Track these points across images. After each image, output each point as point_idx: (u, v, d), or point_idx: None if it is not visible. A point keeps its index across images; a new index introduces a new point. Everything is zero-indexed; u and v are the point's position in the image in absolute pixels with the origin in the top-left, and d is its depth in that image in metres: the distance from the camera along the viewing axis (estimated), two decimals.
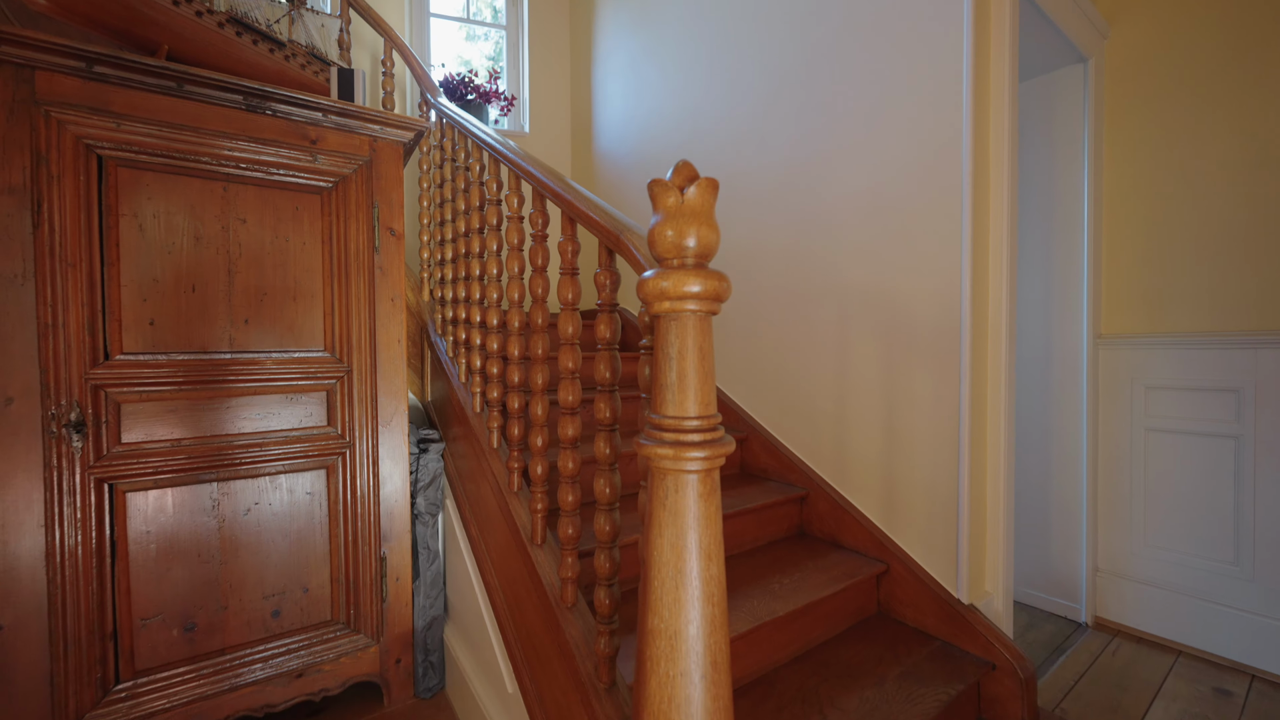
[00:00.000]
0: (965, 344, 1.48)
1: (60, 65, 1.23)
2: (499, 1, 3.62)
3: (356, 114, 1.57)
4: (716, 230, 0.63)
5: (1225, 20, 1.91)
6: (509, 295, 1.36)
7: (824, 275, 1.82)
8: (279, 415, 1.50)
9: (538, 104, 3.44)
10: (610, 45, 3.03)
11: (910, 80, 1.58)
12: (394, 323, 1.65)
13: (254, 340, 1.47)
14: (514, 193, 1.34)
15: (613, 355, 0.99)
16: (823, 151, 1.82)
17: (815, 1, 1.84)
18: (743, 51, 2.12)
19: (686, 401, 0.62)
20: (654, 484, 0.62)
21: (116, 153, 1.30)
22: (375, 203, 1.62)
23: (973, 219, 1.48)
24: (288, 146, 1.49)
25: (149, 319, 1.34)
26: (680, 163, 0.64)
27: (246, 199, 1.45)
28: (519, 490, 1.41)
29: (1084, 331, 2.12)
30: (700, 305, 0.62)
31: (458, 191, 1.81)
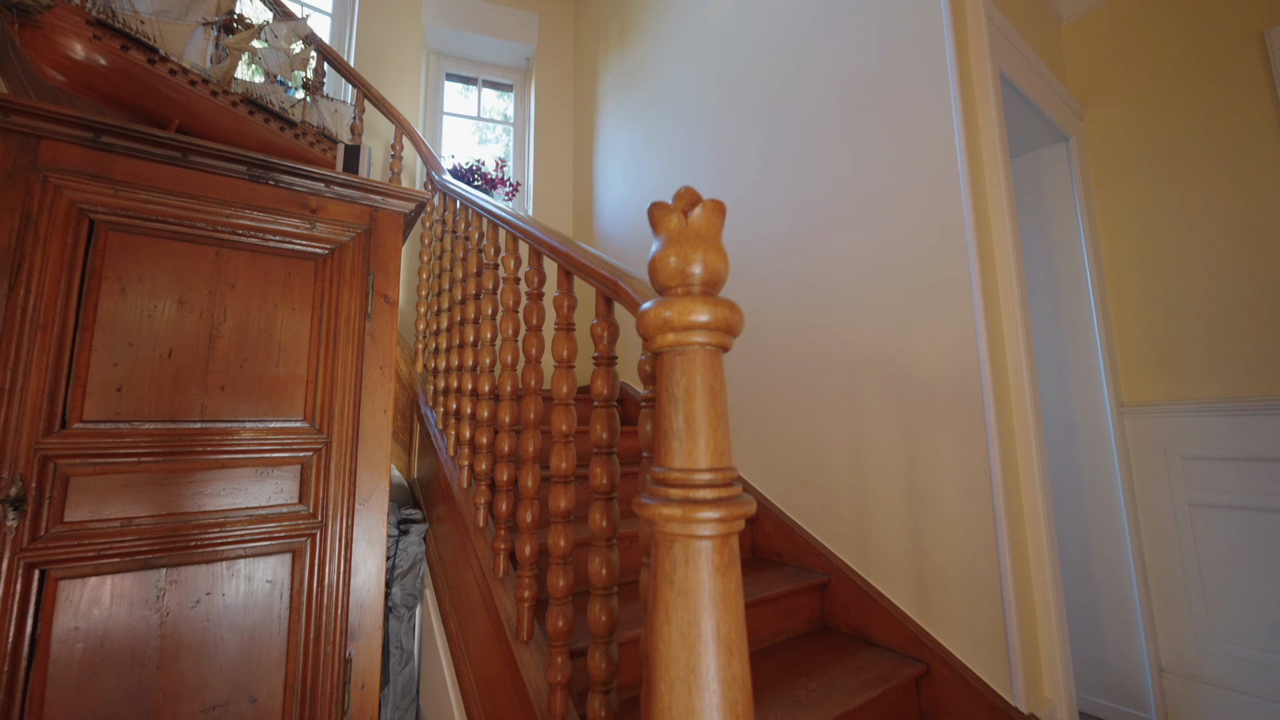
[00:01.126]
0: (989, 408, 1.39)
1: (67, 135, 1.25)
2: (509, 107, 3.90)
3: (359, 185, 1.59)
4: (725, 257, 0.57)
5: (1191, 105, 2.00)
6: (502, 358, 1.28)
7: (831, 341, 1.76)
8: (246, 491, 1.37)
9: (541, 189, 3.59)
10: (611, 135, 3.21)
11: (903, 150, 1.62)
12: (381, 391, 1.57)
13: (229, 409, 1.37)
14: (510, 254, 1.31)
15: (610, 414, 0.89)
16: (821, 219, 1.83)
17: (805, 80, 1.93)
18: (738, 129, 2.22)
19: (696, 450, 0.52)
20: (659, 555, 0.51)
21: (110, 217, 1.29)
22: (371, 270, 1.60)
23: (981, 280, 1.44)
24: (287, 215, 1.49)
25: (117, 385, 1.26)
26: (683, 188, 0.59)
27: (238, 264, 1.43)
28: (505, 575, 1.25)
29: (1105, 400, 2.02)
30: (709, 337, 0.54)
31: (455, 259, 1.80)
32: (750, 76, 2.20)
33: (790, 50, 2.01)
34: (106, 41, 1.28)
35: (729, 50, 2.33)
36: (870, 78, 1.71)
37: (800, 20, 1.98)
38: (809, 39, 1.95)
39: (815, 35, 1.92)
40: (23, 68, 1.32)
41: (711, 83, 2.41)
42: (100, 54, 1.29)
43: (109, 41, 1.29)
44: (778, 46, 2.07)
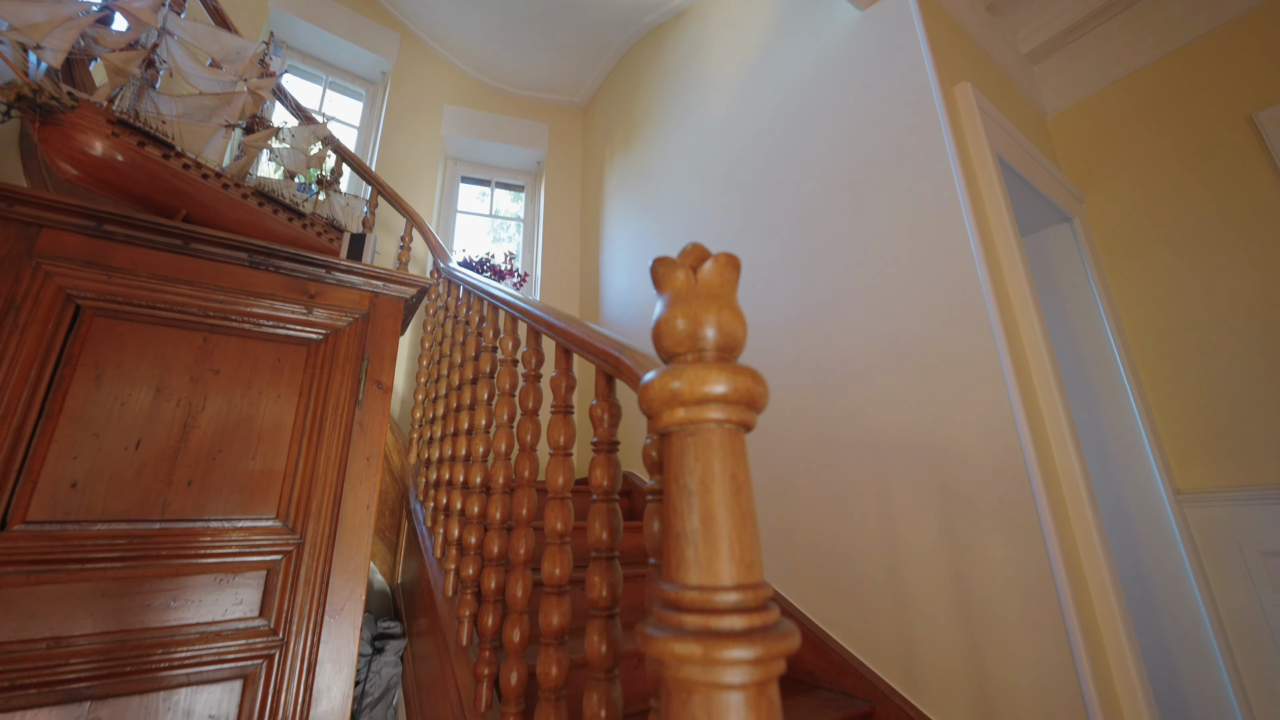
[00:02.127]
0: (1040, 499, 1.23)
1: (69, 224, 1.24)
2: (521, 208, 4.10)
3: (361, 271, 1.57)
4: (742, 318, 0.48)
5: (1192, 184, 2.02)
6: (495, 446, 1.17)
7: (853, 426, 1.63)
8: (201, 603, 1.21)
9: (549, 279, 3.65)
10: (616, 229, 3.31)
11: (912, 230, 1.60)
12: (366, 485, 1.44)
13: (193, 506, 1.24)
14: (509, 335, 1.25)
15: (611, 509, 0.76)
16: (832, 299, 1.78)
17: (806, 165, 1.97)
18: (739, 215, 2.25)
19: (717, 560, 0.40)
20: (673, 710, 0.37)
21: (98, 303, 1.25)
22: (366, 355, 1.54)
23: (1011, 358, 1.34)
24: (285, 300, 1.46)
25: (72, 480, 1.15)
26: (690, 244, 0.52)
27: (226, 350, 1.37)
28: (488, 709, 1.04)
29: (1159, 487, 1.84)
30: (728, 412, 0.43)
31: (455, 344, 1.74)
32: (749, 164, 2.27)
33: (789, 137, 2.09)
34: (124, 138, 1.32)
35: (728, 141, 2.43)
36: (872, 161, 1.74)
37: (798, 110, 2.07)
38: (808, 127, 2.02)
39: (814, 124, 2.00)
40: (42, 162, 1.35)
41: (711, 173, 2.50)
42: (117, 150, 1.32)
43: (126, 138, 1.32)
44: (778, 133, 2.15)
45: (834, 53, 1.98)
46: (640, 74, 3.38)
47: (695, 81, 2.79)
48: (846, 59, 1.93)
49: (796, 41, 2.17)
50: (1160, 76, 2.15)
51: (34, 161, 1.50)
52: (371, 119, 3.57)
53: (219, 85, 1.61)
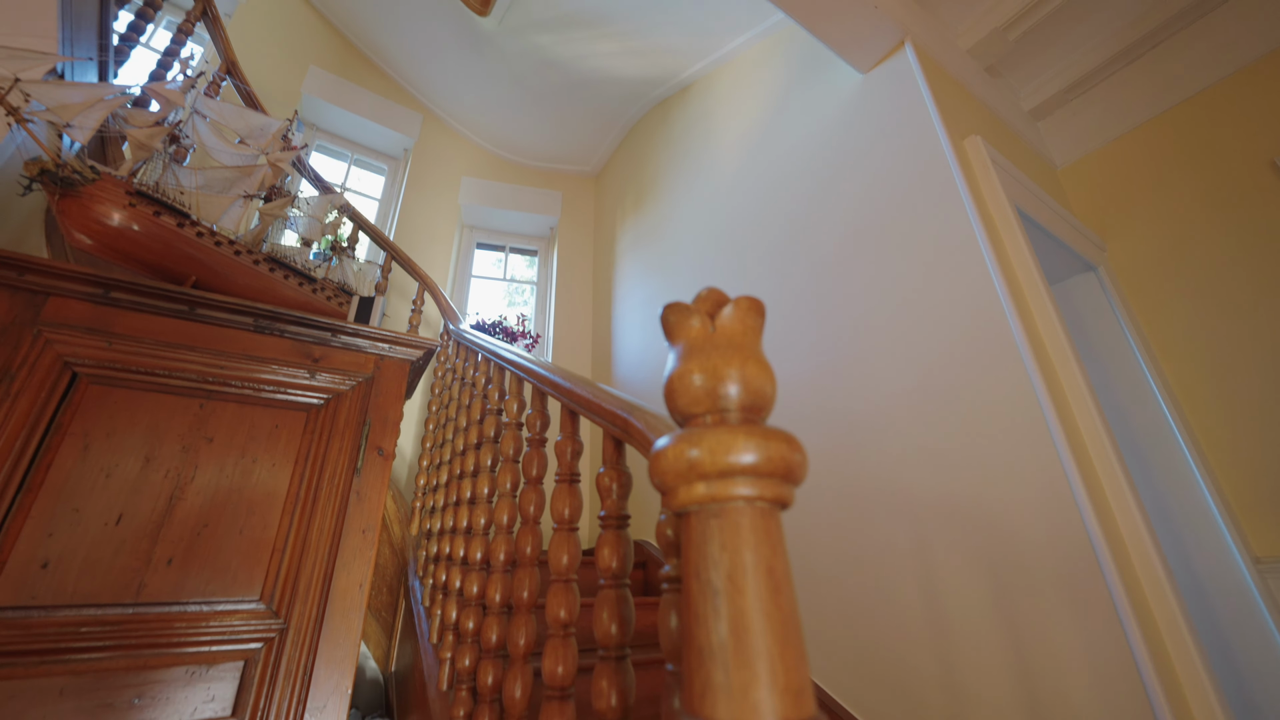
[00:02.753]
0: (1109, 570, 1.09)
1: (77, 291, 1.24)
2: (534, 272, 4.17)
3: (367, 334, 1.54)
4: (770, 371, 0.40)
5: (1219, 230, 1.96)
6: (496, 518, 1.08)
7: (886, 488, 1.51)
8: (169, 700, 1.08)
9: (561, 340, 3.64)
10: (628, 289, 3.32)
11: (935, 281, 1.54)
12: (360, 562, 1.33)
13: (171, 588, 1.15)
14: (514, 397, 1.18)
15: (621, 597, 0.66)
16: (854, 352, 1.70)
17: (819, 219, 1.95)
18: (753, 269, 2.22)
19: (754, 688, 0.30)
20: None
21: (95, 370, 1.22)
22: (368, 419, 1.48)
23: (1055, 411, 1.24)
24: (287, 365, 1.42)
25: (44, 560, 1.07)
26: (706, 289, 0.45)
27: (222, 416, 1.32)
28: None
29: (1235, 555, 1.65)
30: (759, 488, 0.35)
31: (461, 407, 1.68)
32: (760, 222, 2.26)
33: (800, 195, 2.09)
34: (140, 208, 1.34)
35: (737, 201, 2.45)
36: (886, 214, 1.71)
37: (807, 169, 2.09)
38: (819, 184, 2.02)
39: (825, 180, 2.00)
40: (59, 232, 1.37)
41: (721, 232, 2.51)
42: (132, 220, 1.34)
43: (143, 208, 1.34)
44: (788, 191, 2.15)
45: (839, 113, 2.02)
46: (649, 142, 3.51)
47: (702, 147, 2.87)
48: (852, 118, 1.96)
49: (801, 105, 2.22)
50: (1173, 125, 2.14)
51: (57, 234, 1.54)
52: (392, 191, 3.72)
53: (240, 159, 1.66)
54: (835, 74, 2.08)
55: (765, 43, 2.55)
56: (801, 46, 2.29)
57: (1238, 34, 2.01)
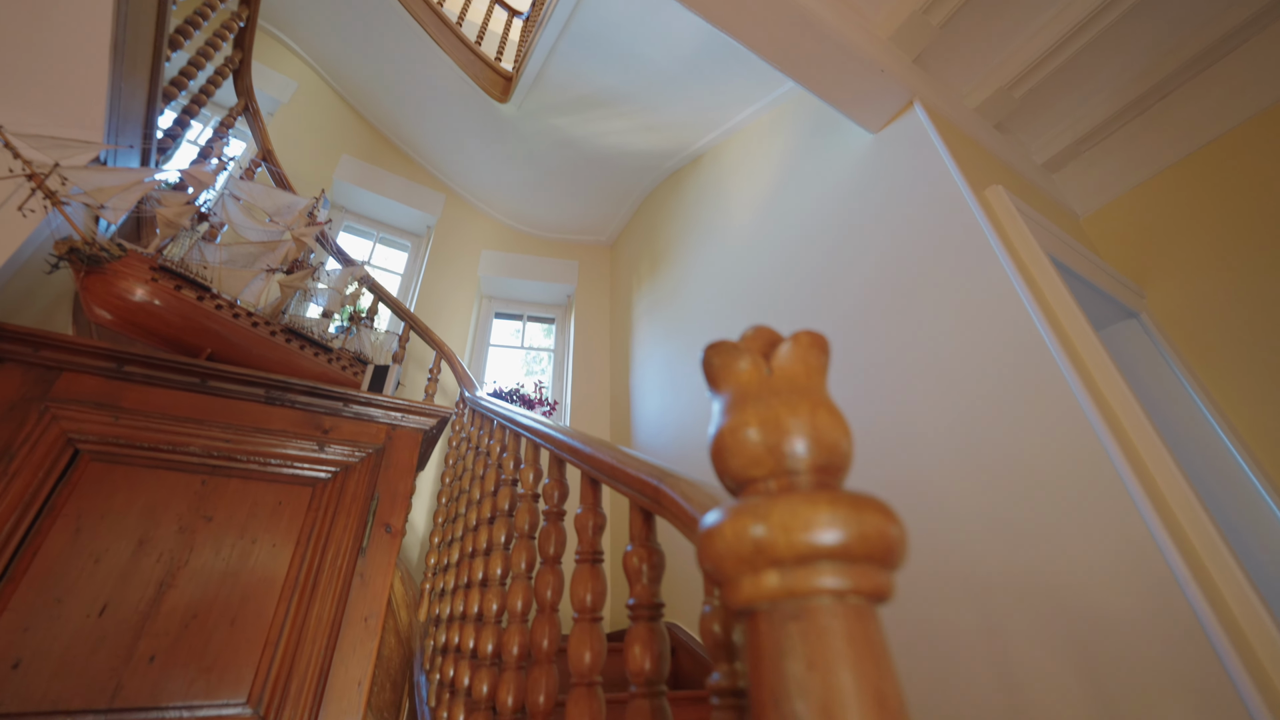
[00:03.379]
0: (1229, 659, 0.91)
1: (90, 366, 1.22)
2: (552, 341, 4.19)
3: (380, 403, 1.49)
4: (843, 421, 0.32)
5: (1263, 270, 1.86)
6: (510, 604, 0.96)
7: (946, 565, 1.35)
8: None
9: (579, 406, 3.57)
10: (646, 353, 3.28)
11: (975, 333, 1.45)
12: (360, 655, 1.20)
13: (150, 690, 1.03)
14: (530, 465, 1.09)
15: (656, 709, 0.54)
16: (893, 411, 1.59)
17: (841, 278, 1.91)
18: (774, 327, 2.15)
19: None
20: None
21: (98, 446, 1.17)
22: (376, 494, 1.39)
23: (1131, 470, 1.10)
24: (296, 437, 1.37)
25: (15, 660, 0.97)
26: (754, 327, 0.38)
27: (224, 493, 1.25)
28: None
29: None
30: (853, 578, 0.26)
31: (475, 478, 1.59)
32: (778, 283, 2.23)
33: (819, 253, 2.06)
34: (162, 283, 1.35)
35: (754, 263, 2.43)
36: (915, 267, 1.66)
37: (824, 228, 2.07)
38: (838, 242, 1.99)
39: (844, 238, 1.97)
40: (81, 309, 1.38)
41: (739, 294, 2.48)
42: (154, 294, 1.34)
43: (165, 282, 1.35)
44: (805, 250, 2.13)
45: (853, 172, 2.03)
46: (662, 211, 3.59)
47: (715, 212, 2.91)
48: (867, 176, 1.96)
49: (813, 167, 2.25)
50: (1200, 168, 2.11)
51: (83, 314, 1.56)
52: (415, 266, 3.83)
53: (266, 235, 1.69)
54: (845, 135, 2.11)
55: (773, 112, 2.64)
56: (810, 112, 2.35)
57: (1256, 76, 2.01)
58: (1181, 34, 2.10)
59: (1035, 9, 2.00)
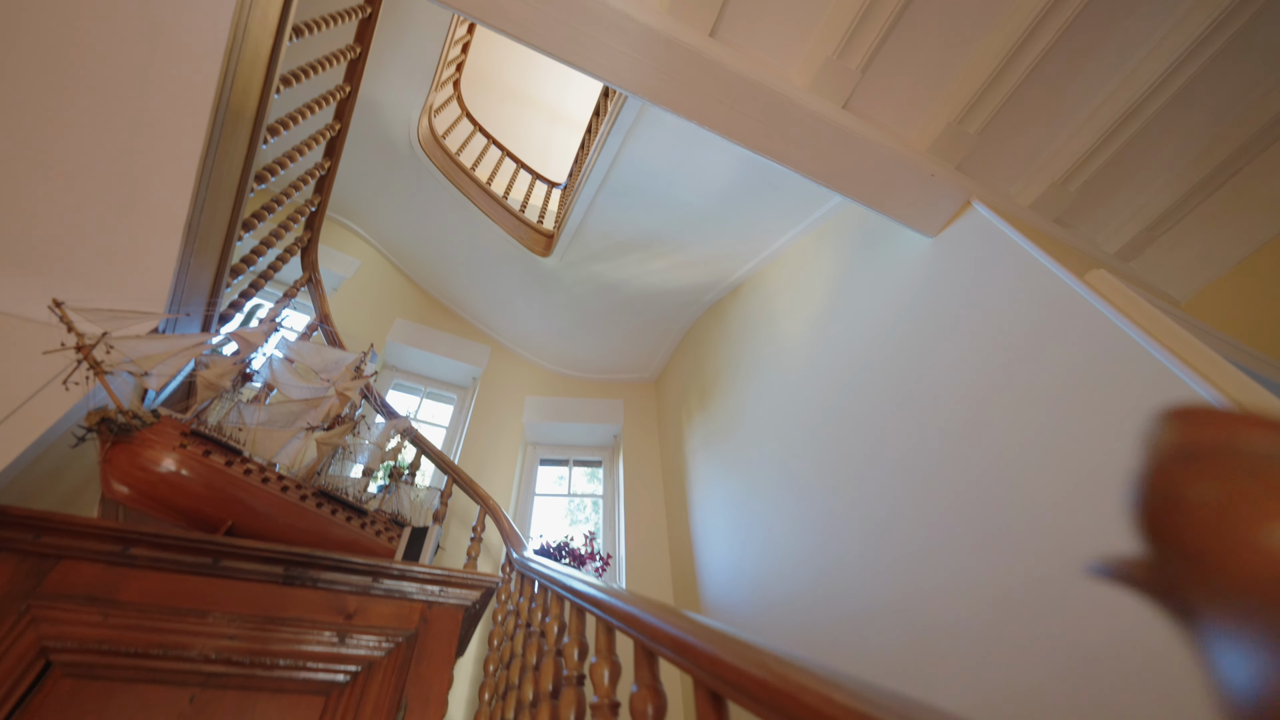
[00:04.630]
0: None
1: (92, 552, 1.06)
2: (599, 486, 3.94)
3: (415, 575, 1.25)
4: None
5: None
6: None
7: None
8: None
9: (635, 560, 3.17)
10: (706, 492, 2.96)
11: (1113, 415, 1.16)
12: None
13: None
14: (603, 659, 0.81)
15: None
16: (1036, 519, 1.24)
17: (925, 383, 1.66)
18: (855, 453, 1.87)
19: None
20: None
21: (75, 655, 0.95)
22: (404, 699, 1.09)
23: None
24: (314, 626, 1.12)
25: None
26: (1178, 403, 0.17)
27: (216, 711, 0.98)
28: None
29: None
30: None
31: (527, 669, 1.26)
32: (845, 401, 2.00)
33: (893, 360, 1.85)
34: (190, 449, 1.23)
35: (815, 383, 2.23)
36: (1027, 362, 1.42)
37: (894, 333, 1.89)
38: (916, 347, 1.79)
39: (923, 341, 1.78)
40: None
41: (803, 414, 2.24)
42: (180, 463, 1.22)
43: (193, 448, 1.24)
44: (879, 355, 1.92)
45: (916, 277, 1.90)
46: (706, 342, 3.53)
47: (764, 337, 2.80)
48: (934, 279, 1.82)
49: (868, 279, 2.15)
50: None
51: None
52: (460, 418, 3.79)
53: (309, 392, 1.62)
54: (899, 243, 2.03)
55: (813, 234, 2.64)
56: (855, 227, 2.32)
57: None
58: (1234, 114, 2.04)
59: (1070, 109, 2.00)
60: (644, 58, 1.48)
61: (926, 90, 1.86)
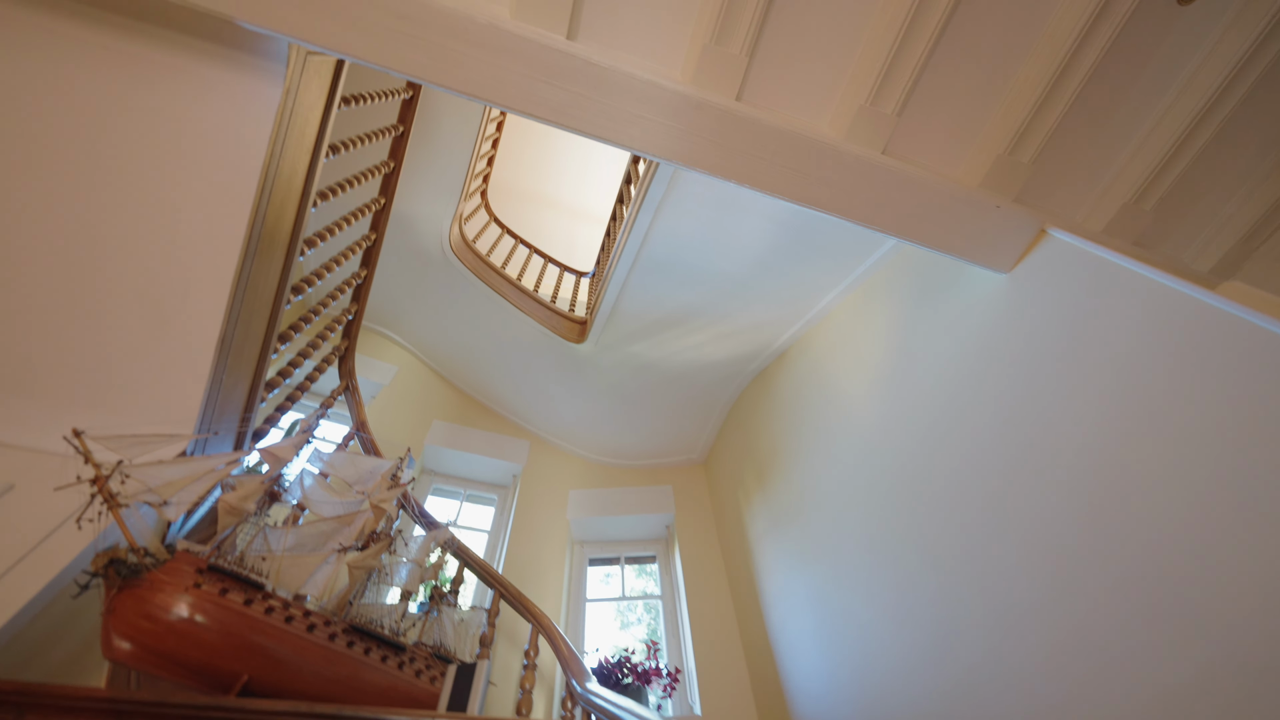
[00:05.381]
0: None
1: None
2: (649, 584, 3.59)
3: None
4: None
5: None
6: None
7: None
8: None
9: (707, 674, 2.75)
10: (781, 584, 2.61)
11: None
12: None
13: None
14: None
15: None
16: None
17: (1038, 429, 1.40)
18: (963, 523, 1.57)
19: None
20: None
21: None
22: None
23: None
24: None
25: None
26: None
27: None
28: None
29: None
30: None
31: None
32: (935, 458, 1.73)
33: (985, 407, 1.60)
34: (206, 588, 1.07)
35: (890, 441, 1.97)
36: (1171, 395, 1.18)
37: (983, 380, 1.66)
38: (1017, 392, 1.56)
39: (1024, 384, 1.54)
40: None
41: (882, 479, 1.97)
42: (192, 609, 1.06)
43: (209, 587, 1.07)
44: (967, 401, 1.67)
45: (996, 318, 1.71)
46: (755, 415, 3.31)
47: (821, 402, 2.58)
48: (1017, 317, 1.63)
49: (934, 327, 1.96)
50: None
51: None
52: (501, 520, 3.57)
53: (342, 507, 1.47)
54: (967, 284, 1.86)
55: (861, 289, 2.49)
56: (910, 276, 2.17)
57: None
58: None
59: (1127, 127, 1.87)
60: (676, 123, 1.43)
61: (968, 125, 1.77)
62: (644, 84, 1.38)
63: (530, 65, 1.34)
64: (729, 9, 1.46)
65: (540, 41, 1.33)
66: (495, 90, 1.36)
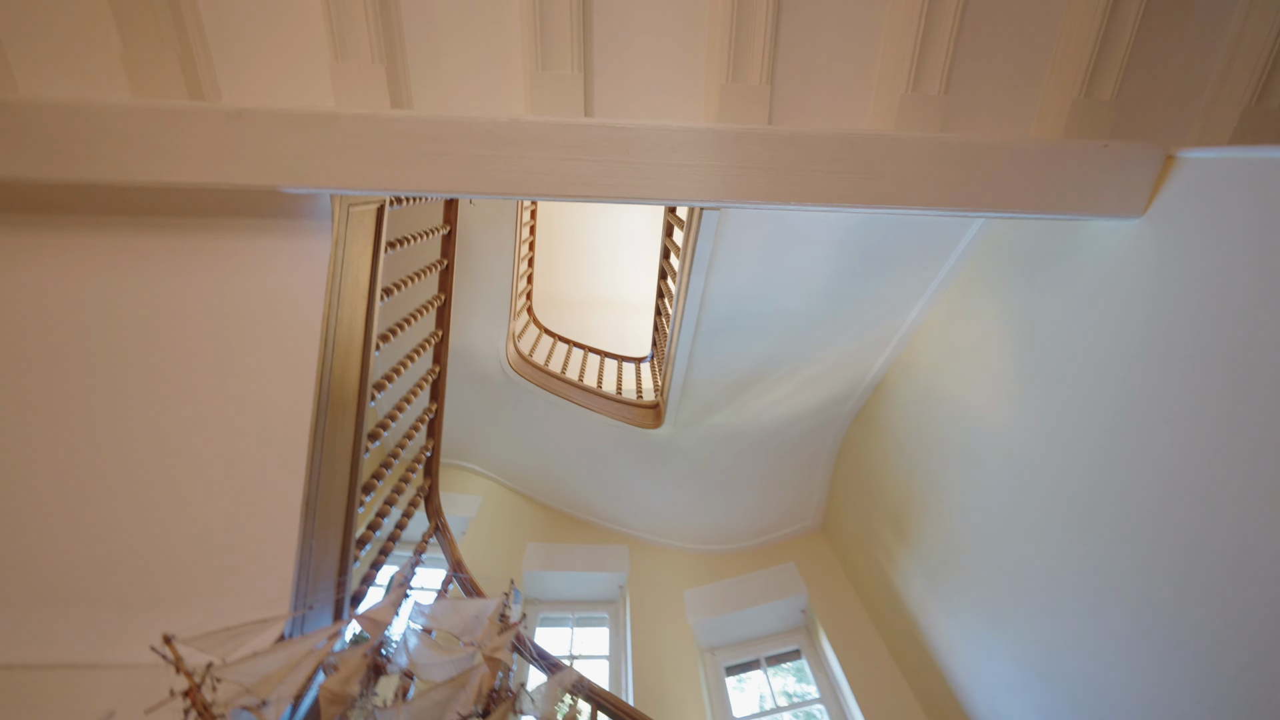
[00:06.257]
0: None
1: None
2: (792, 683, 3.08)
3: None
4: None
5: None
6: None
7: None
8: None
9: None
10: (966, 655, 2.12)
11: None
12: None
13: None
14: None
15: None
16: None
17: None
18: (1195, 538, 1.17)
19: None
20: None
21: None
22: None
23: None
24: None
25: None
26: None
27: None
28: None
29: None
30: None
31: None
32: (1125, 461, 1.37)
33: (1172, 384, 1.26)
34: None
35: (1046, 450, 1.61)
36: None
37: (1150, 350, 1.33)
38: (1219, 358, 1.22)
39: (1223, 343, 1.21)
40: None
41: (1050, 496, 1.58)
42: None
43: None
44: (1134, 381, 1.33)
45: (1143, 270, 1.42)
46: (868, 460, 2.94)
47: (948, 423, 2.24)
48: (1172, 263, 1.34)
49: (1063, 302, 1.67)
50: None
51: None
52: (618, 640, 3.22)
53: (454, 667, 1.28)
54: (1089, 243, 1.59)
55: (952, 289, 2.23)
56: (1004, 257, 1.91)
57: None
58: None
59: (1214, 20, 1.65)
60: (719, 160, 1.34)
61: (1028, 79, 1.60)
62: (676, 132, 1.32)
63: (557, 148, 1.31)
64: (737, 47, 1.42)
65: (562, 122, 1.30)
66: (528, 183, 1.33)
